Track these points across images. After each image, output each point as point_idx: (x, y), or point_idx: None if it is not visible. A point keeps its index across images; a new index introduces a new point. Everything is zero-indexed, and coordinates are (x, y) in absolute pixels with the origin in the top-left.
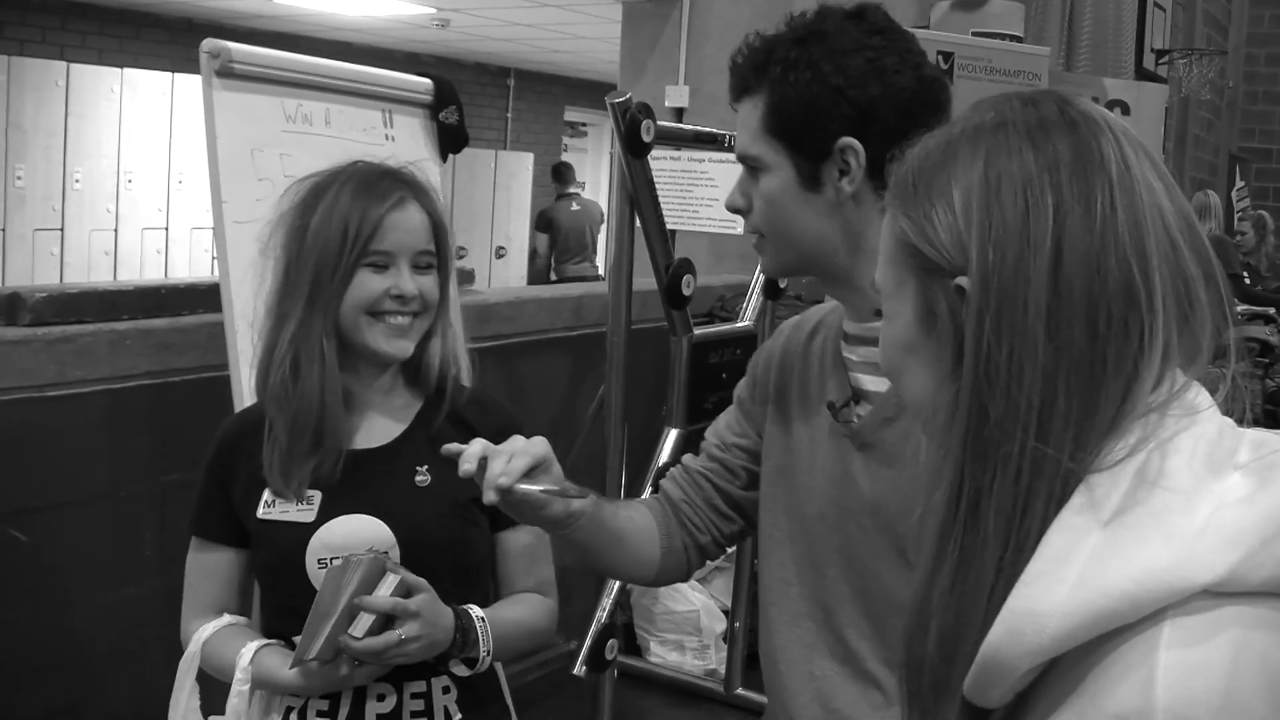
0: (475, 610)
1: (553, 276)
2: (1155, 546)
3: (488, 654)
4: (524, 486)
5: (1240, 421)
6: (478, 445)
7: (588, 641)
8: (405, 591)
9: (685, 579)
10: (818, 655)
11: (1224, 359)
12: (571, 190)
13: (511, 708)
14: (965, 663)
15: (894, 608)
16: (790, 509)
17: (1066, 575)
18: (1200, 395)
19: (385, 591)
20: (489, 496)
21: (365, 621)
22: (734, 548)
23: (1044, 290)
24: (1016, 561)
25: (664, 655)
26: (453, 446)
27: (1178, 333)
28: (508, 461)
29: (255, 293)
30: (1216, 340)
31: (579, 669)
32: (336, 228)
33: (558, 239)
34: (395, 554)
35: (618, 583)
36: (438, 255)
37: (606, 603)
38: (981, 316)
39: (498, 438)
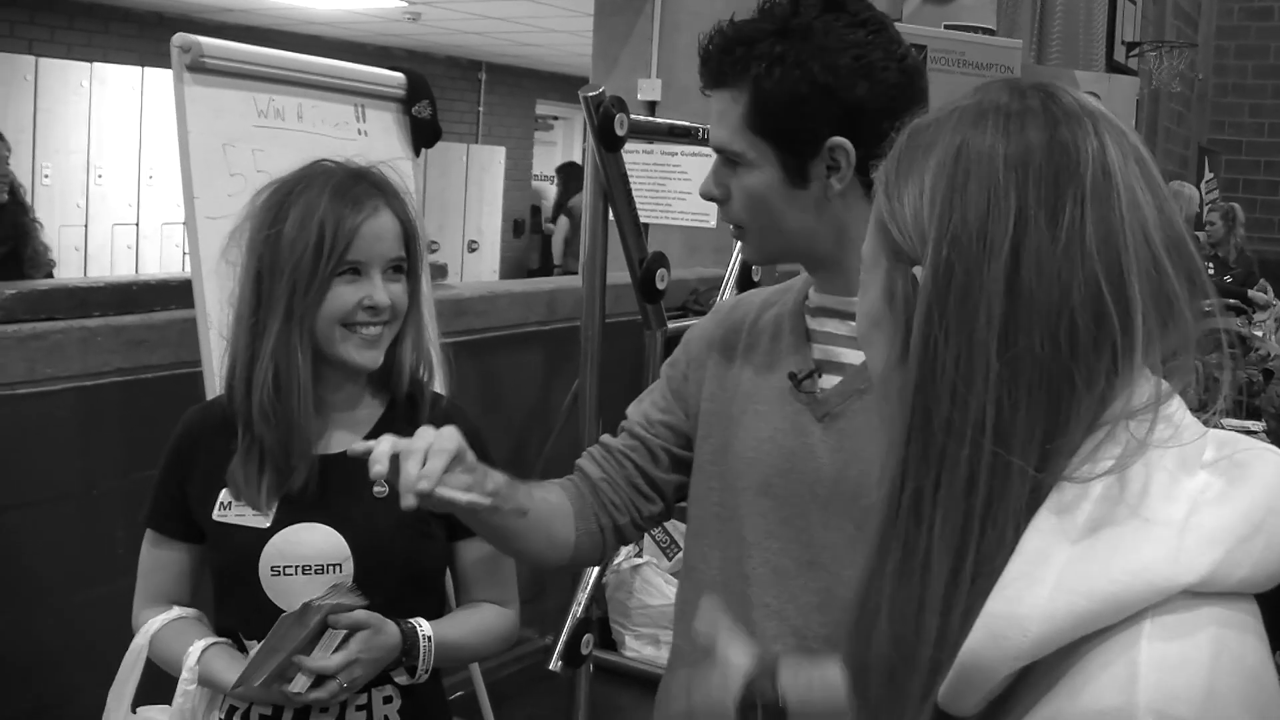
0: (424, 629)
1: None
2: (1135, 546)
3: (426, 672)
4: (446, 493)
5: (1212, 413)
6: (386, 443)
7: (563, 637)
8: (344, 634)
9: (599, 562)
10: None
11: (1200, 352)
12: None
13: (486, 708)
14: (927, 670)
15: (844, 581)
16: (727, 484)
17: (1046, 577)
18: (1178, 406)
19: (330, 648)
20: (408, 501)
21: (304, 679)
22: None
23: (999, 297)
24: (979, 573)
25: (639, 649)
26: (360, 446)
27: (1159, 346)
28: (423, 463)
29: (224, 295)
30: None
31: (555, 664)
32: (312, 237)
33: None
34: (348, 566)
35: (593, 578)
36: (408, 259)
37: (582, 598)
38: (930, 314)
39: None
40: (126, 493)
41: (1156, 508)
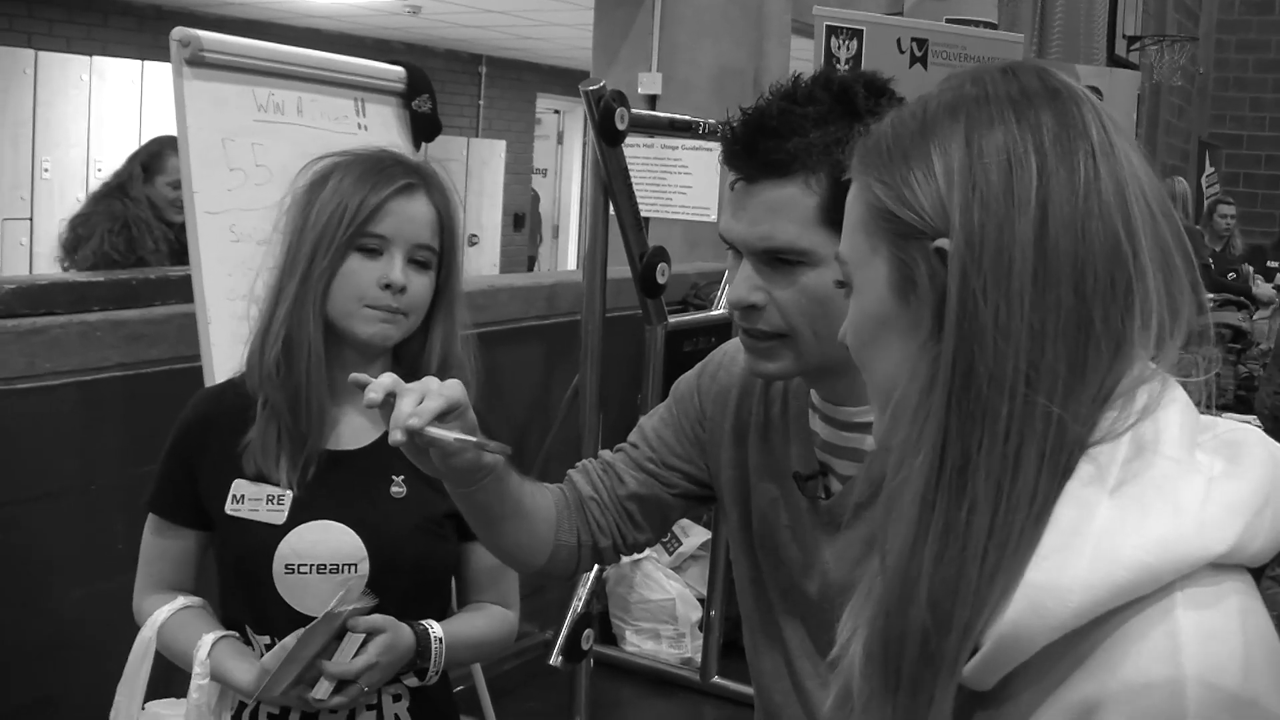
0: (435, 631)
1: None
2: (1164, 517)
3: (436, 673)
4: (435, 431)
5: (1209, 407)
6: (388, 378)
7: (564, 631)
8: (363, 638)
9: (570, 577)
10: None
11: (1196, 345)
12: None
13: (486, 703)
14: (959, 634)
15: None
16: (753, 558)
17: (1083, 548)
18: (1179, 389)
19: (350, 652)
20: (395, 437)
21: (327, 684)
22: (704, 545)
23: (1030, 249)
24: (1008, 524)
25: (640, 644)
26: (360, 376)
27: (1165, 293)
28: (419, 401)
29: (225, 289)
30: (1193, 322)
31: (555, 659)
32: (337, 204)
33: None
34: (364, 567)
35: (594, 572)
36: (441, 255)
37: (582, 592)
38: (966, 275)
39: None
40: (126, 488)
41: (1178, 477)
